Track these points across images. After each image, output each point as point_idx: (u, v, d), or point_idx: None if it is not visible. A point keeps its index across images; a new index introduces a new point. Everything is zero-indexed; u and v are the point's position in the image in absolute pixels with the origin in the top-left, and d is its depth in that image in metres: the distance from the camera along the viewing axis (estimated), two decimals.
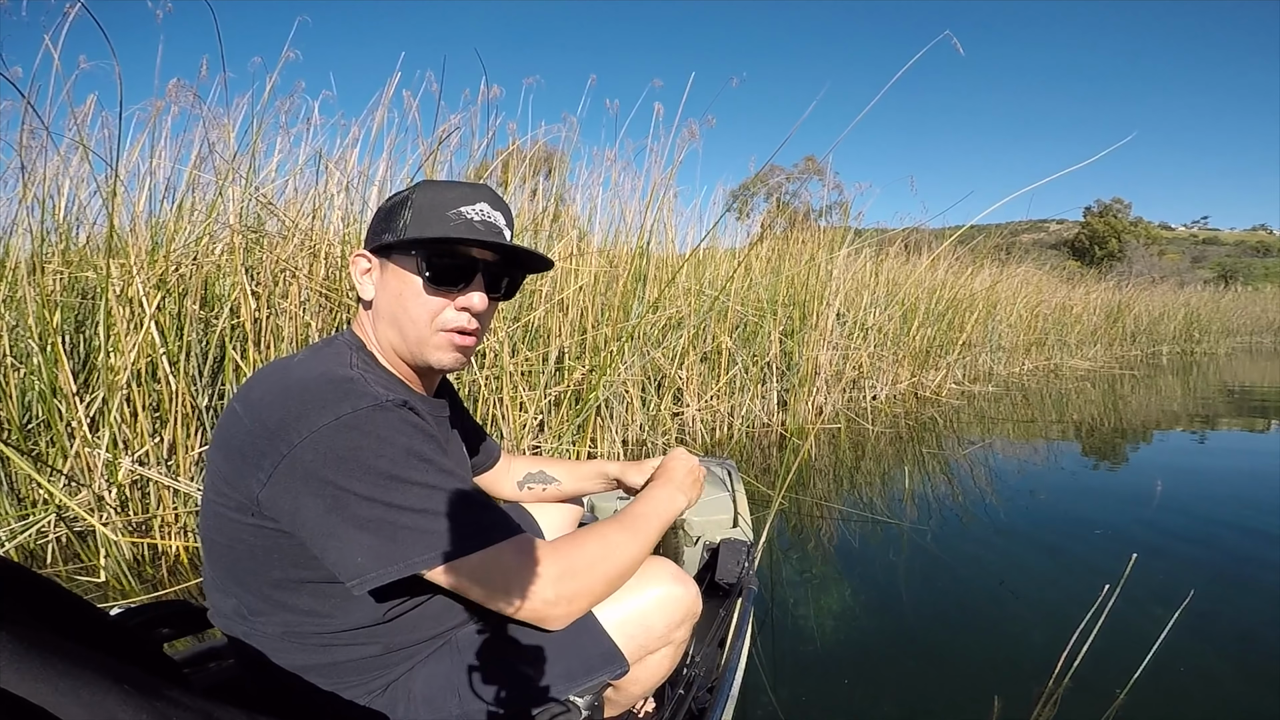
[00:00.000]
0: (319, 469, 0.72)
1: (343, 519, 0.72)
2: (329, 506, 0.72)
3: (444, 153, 3.31)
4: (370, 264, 0.92)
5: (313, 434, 0.72)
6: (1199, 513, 3.18)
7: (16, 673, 0.40)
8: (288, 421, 0.73)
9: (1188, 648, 1.88)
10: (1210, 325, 16.09)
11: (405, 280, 0.88)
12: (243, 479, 0.75)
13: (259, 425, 0.75)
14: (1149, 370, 10.13)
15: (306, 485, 0.72)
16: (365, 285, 0.93)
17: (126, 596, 2.03)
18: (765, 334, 4.83)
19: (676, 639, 1.02)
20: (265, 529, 0.77)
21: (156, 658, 0.75)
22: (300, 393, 0.76)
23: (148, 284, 2.33)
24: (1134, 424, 5.68)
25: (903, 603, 2.23)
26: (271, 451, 0.73)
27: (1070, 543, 2.78)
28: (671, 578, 0.99)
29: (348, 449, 0.73)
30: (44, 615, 0.54)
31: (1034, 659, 1.78)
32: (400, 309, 0.88)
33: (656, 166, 3.97)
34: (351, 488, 0.72)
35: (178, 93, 2.83)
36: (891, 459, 4.23)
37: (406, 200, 0.88)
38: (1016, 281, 9.38)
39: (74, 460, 2.23)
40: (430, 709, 0.86)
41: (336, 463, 0.72)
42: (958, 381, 7.16)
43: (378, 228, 0.91)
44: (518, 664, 0.89)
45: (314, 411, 0.74)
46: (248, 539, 0.78)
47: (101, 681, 0.43)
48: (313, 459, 0.72)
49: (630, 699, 1.09)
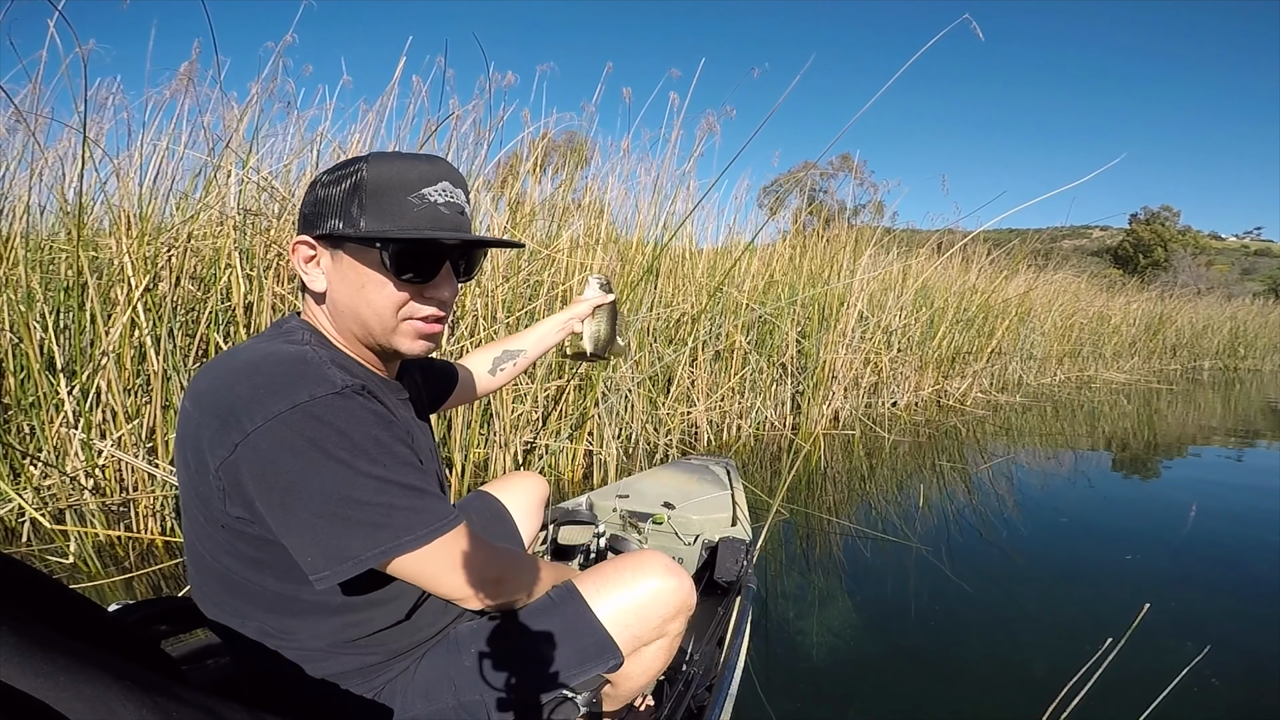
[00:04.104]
0: (275, 459, 0.68)
1: (298, 513, 0.69)
2: (283, 500, 0.69)
3: (452, 140, 3.23)
4: (315, 252, 0.82)
5: (268, 421, 0.67)
6: (1232, 543, 2.97)
7: (18, 668, 0.40)
8: (238, 407, 0.68)
9: (1198, 699, 1.72)
10: (1257, 340, 15.39)
11: (365, 274, 0.80)
12: (204, 480, 0.71)
13: (208, 414, 0.70)
14: (1188, 385, 9.73)
15: (262, 477, 0.68)
16: (314, 276, 0.83)
17: (93, 579, 2.00)
18: (782, 333, 4.68)
19: (671, 631, 1.03)
20: (243, 536, 0.74)
21: (154, 654, 0.73)
22: (251, 374, 0.71)
23: (137, 264, 2.28)
24: (1169, 441, 5.41)
25: (905, 622, 2.13)
26: (224, 441, 0.68)
27: (1091, 570, 2.61)
28: (665, 570, 1.01)
29: (305, 440, 0.68)
30: (42, 611, 0.53)
31: (1033, 693, 1.64)
32: (362, 302, 0.81)
33: (672, 157, 3.85)
34: (307, 482, 0.68)
35: (190, 76, 2.79)
36: (908, 470, 4.06)
37: (357, 179, 0.77)
38: (1053, 288, 9.05)
39: (52, 440, 2.19)
40: (427, 701, 0.86)
41: (292, 454, 0.68)
42: (984, 390, 6.91)
43: (321, 210, 0.80)
44: (514, 657, 0.90)
45: (269, 397, 0.68)
46: (228, 560, 0.76)
47: (103, 677, 0.43)
48: (268, 448, 0.67)
49: (627, 693, 1.09)
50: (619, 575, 1.00)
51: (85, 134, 2.21)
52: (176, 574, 2.11)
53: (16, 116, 2.50)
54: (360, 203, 0.77)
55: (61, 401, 2.20)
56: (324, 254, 0.82)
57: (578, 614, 0.94)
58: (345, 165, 0.80)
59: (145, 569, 2.11)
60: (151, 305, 2.30)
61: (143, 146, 2.66)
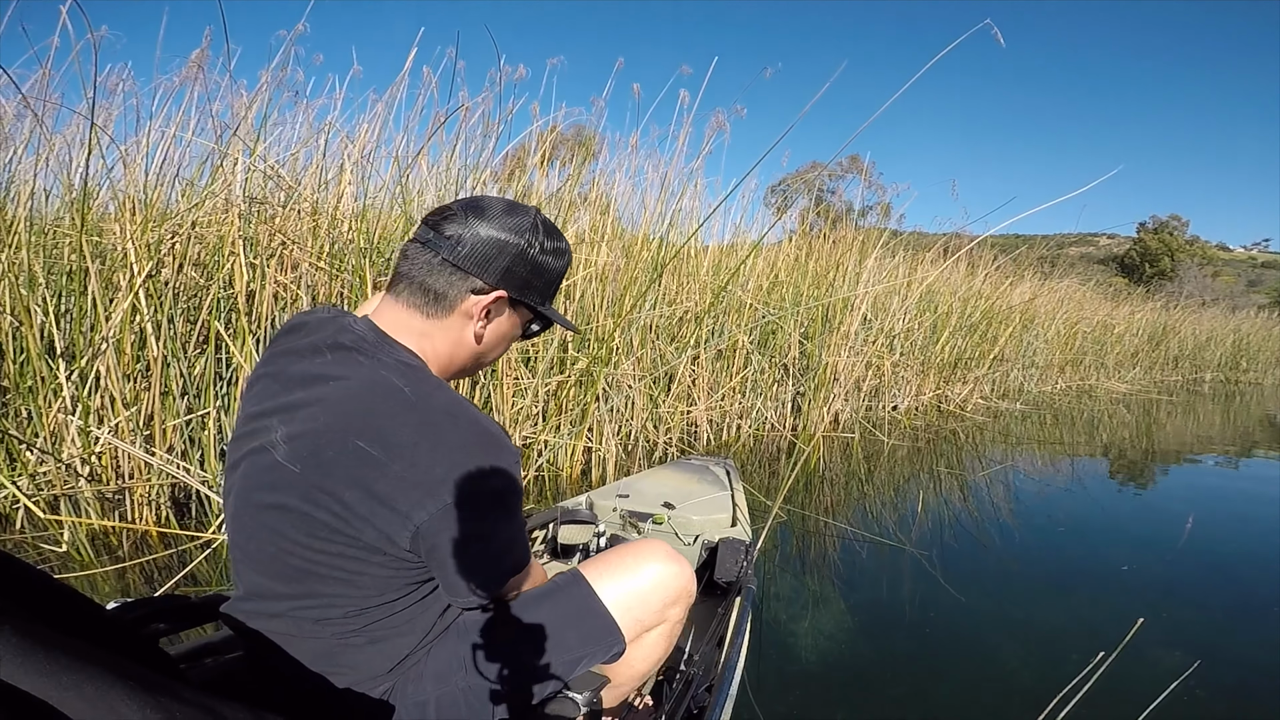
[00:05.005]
0: (473, 518, 0.79)
1: (472, 559, 0.81)
2: (466, 544, 0.80)
3: (460, 132, 3.22)
4: (503, 305, 0.91)
5: (478, 486, 0.78)
6: (1229, 555, 2.96)
7: (20, 667, 0.40)
8: (453, 474, 0.77)
9: (1186, 712, 1.71)
10: (1259, 354, 15.32)
11: (513, 326, 0.95)
12: (384, 519, 0.77)
13: (415, 471, 0.76)
14: (1188, 396, 9.70)
15: (457, 530, 0.78)
16: (484, 326, 0.91)
17: (86, 569, 2.00)
18: (785, 334, 4.67)
19: (671, 617, 1.07)
20: (393, 561, 0.80)
21: (153, 653, 0.75)
22: (460, 444, 0.79)
23: (140, 250, 2.28)
24: (1168, 451, 5.40)
25: (898, 628, 2.13)
26: (433, 499, 0.76)
27: (1085, 580, 2.61)
28: (666, 556, 1.06)
29: (498, 500, 0.81)
30: (43, 610, 0.54)
31: (1023, 703, 1.64)
32: (492, 350, 0.95)
33: (681, 155, 3.84)
34: (494, 537, 0.84)
35: (201, 64, 2.78)
36: (906, 474, 4.06)
37: (565, 265, 0.95)
38: (1058, 296, 9.02)
39: (49, 426, 2.19)
40: (438, 683, 0.89)
41: (486, 513, 0.80)
42: (985, 397, 6.90)
43: (534, 278, 0.90)
44: (522, 640, 0.94)
45: (477, 463, 0.79)
46: (354, 567, 0.80)
47: (105, 676, 0.44)
48: (471, 508, 0.78)
49: (629, 681, 1.12)
50: (621, 562, 1.04)
51: (93, 120, 2.21)
52: (170, 565, 2.11)
53: (25, 102, 2.50)
54: (557, 285, 0.96)
55: (60, 386, 2.20)
56: (502, 305, 0.90)
57: (583, 599, 0.98)
58: (559, 241, 0.93)
59: (138, 559, 2.11)
60: (153, 291, 2.30)
61: (150, 133, 2.66)
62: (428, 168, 3.32)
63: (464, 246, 0.84)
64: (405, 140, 3.29)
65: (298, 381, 0.82)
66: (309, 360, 0.83)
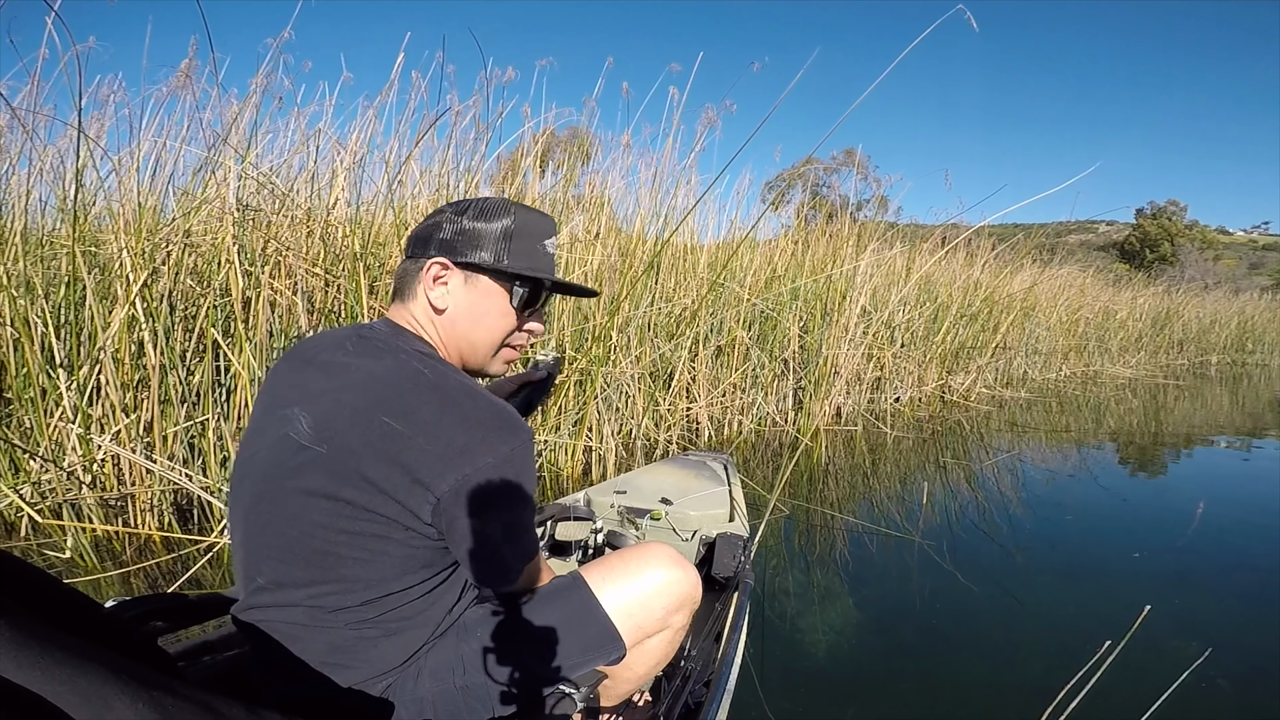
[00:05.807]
0: (491, 492, 0.80)
1: (490, 537, 0.82)
2: (484, 517, 0.81)
3: (451, 136, 3.21)
4: (447, 272, 0.92)
5: (496, 459, 0.80)
6: (1240, 541, 2.94)
7: (14, 661, 0.40)
8: (472, 445, 0.79)
9: (1201, 700, 1.69)
10: (1264, 335, 15.26)
11: (493, 300, 0.94)
12: (406, 491, 0.79)
13: (437, 444, 0.79)
14: (1195, 380, 9.66)
15: (476, 504, 0.80)
16: (438, 294, 0.93)
17: (90, 574, 1.99)
18: (784, 328, 4.65)
19: (674, 624, 1.05)
20: (414, 537, 0.81)
21: (151, 651, 0.76)
22: (479, 419, 0.82)
23: (136, 260, 2.27)
24: (1176, 436, 5.37)
25: (906, 619, 2.11)
26: (453, 470, 0.78)
27: (1095, 568, 2.59)
28: (671, 562, 1.04)
29: (515, 477, 0.82)
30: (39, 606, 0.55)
31: (1032, 693, 1.61)
32: (481, 327, 0.95)
33: (673, 152, 3.82)
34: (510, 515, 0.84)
35: (189, 73, 2.78)
36: (911, 466, 4.04)
37: (510, 223, 0.92)
38: (1058, 283, 8.99)
39: (50, 435, 2.19)
40: (435, 680, 0.89)
41: (503, 488, 0.81)
42: (988, 386, 6.87)
43: (468, 240, 0.91)
44: (520, 644, 0.94)
45: (495, 437, 0.81)
46: (375, 546, 0.81)
47: (100, 672, 0.44)
48: (489, 481, 0.80)
49: (628, 685, 1.10)
50: (624, 566, 1.03)
51: (81, 131, 2.21)
52: (173, 570, 2.11)
53: (14, 115, 2.50)
54: (509, 244, 0.92)
55: (60, 396, 2.20)
56: (456, 276, 0.92)
57: (583, 603, 0.97)
58: (495, 206, 0.93)
59: (142, 564, 2.11)
60: (150, 300, 2.30)
61: (142, 143, 2.66)
62: (420, 172, 3.30)
63: (413, 239, 0.95)
64: (397, 146, 3.29)
65: (320, 372, 0.86)
66: (330, 353, 0.88)
